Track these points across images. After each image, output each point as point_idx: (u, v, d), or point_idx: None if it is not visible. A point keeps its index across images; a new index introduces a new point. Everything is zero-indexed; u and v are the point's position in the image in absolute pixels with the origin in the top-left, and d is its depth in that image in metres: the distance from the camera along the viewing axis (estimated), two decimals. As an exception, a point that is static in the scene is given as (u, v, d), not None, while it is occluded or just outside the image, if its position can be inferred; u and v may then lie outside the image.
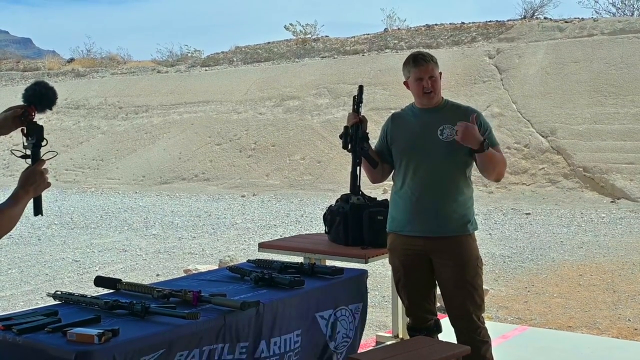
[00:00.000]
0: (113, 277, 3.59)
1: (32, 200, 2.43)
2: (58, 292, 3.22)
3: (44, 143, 2.51)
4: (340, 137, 3.86)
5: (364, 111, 3.96)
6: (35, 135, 2.50)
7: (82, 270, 8.27)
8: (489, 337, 3.80)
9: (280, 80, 20.86)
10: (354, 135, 3.79)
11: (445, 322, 3.91)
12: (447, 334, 3.86)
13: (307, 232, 10.52)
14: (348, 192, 4.16)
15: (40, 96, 2.54)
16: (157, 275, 7.85)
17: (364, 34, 22.36)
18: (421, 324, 3.85)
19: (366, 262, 4.11)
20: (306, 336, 3.40)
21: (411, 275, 3.79)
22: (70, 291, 3.30)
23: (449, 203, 3.65)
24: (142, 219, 12.92)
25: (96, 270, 8.20)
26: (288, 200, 15.17)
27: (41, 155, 2.48)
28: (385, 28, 22.89)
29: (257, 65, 23.13)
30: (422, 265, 3.75)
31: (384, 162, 3.85)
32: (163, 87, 23.52)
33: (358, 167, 3.81)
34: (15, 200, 2.35)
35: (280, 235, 10.30)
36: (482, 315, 3.82)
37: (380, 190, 11.31)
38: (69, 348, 2.54)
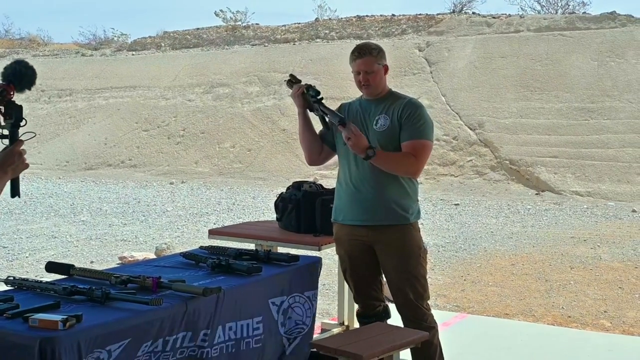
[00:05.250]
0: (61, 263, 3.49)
1: (9, 182, 2.35)
2: (10, 277, 3.11)
3: (22, 123, 2.43)
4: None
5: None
6: (13, 115, 2.41)
7: (11, 257, 8.01)
8: (435, 323, 3.86)
9: (210, 67, 20.63)
10: (314, 96, 3.76)
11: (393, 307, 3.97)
12: (396, 319, 3.91)
13: (241, 220, 10.47)
14: (281, 180, 4.13)
15: (21, 75, 2.46)
16: (92, 262, 7.68)
17: (294, 23, 22.33)
18: (370, 311, 3.91)
19: (319, 250, 4.12)
20: (265, 323, 3.39)
21: (357, 264, 3.84)
22: (24, 276, 3.21)
23: (387, 192, 3.67)
24: (68, 205, 12.61)
25: (26, 257, 7.97)
26: (218, 188, 15.05)
27: (19, 135, 2.40)
28: (316, 18, 22.92)
29: (186, 51, 22.82)
30: (366, 254, 3.79)
31: (326, 144, 3.85)
32: (88, 70, 22.97)
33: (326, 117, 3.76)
34: None
35: (214, 224, 10.22)
36: (427, 302, 3.88)
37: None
38: (33, 334, 2.46)
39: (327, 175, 13.12)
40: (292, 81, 3.88)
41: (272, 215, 10.88)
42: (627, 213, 11.32)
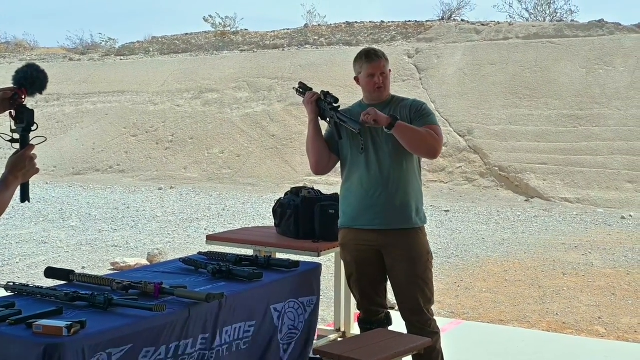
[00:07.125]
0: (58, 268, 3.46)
1: (19, 187, 2.34)
2: (10, 283, 3.08)
3: (34, 127, 2.41)
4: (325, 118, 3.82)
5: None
6: (25, 119, 2.39)
7: (1, 262, 7.95)
8: (438, 328, 3.90)
9: (199, 73, 20.58)
10: (331, 103, 3.76)
11: (394, 314, 3.96)
12: (396, 326, 3.91)
13: (232, 226, 10.44)
14: (270, 186, 4.12)
15: (32, 79, 2.44)
16: (83, 267, 7.61)
17: (284, 29, 22.32)
18: (372, 317, 3.91)
19: (319, 256, 4.11)
20: (259, 327, 3.37)
21: (363, 270, 3.83)
22: (24, 282, 3.17)
23: (399, 196, 3.69)
24: (57, 210, 12.53)
25: (17, 262, 7.91)
26: (207, 193, 15.00)
27: (30, 140, 2.38)
28: (306, 24, 22.92)
29: (175, 56, 22.75)
30: (373, 259, 3.79)
31: (331, 151, 3.84)
32: (75, 75, 22.85)
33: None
34: (5, 185, 2.28)
35: (205, 229, 10.18)
36: (431, 308, 3.90)
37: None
38: (37, 340, 2.44)
39: (317, 182, 13.09)
40: (301, 90, 3.87)
41: (262, 221, 10.84)
42: (617, 220, 11.37)
